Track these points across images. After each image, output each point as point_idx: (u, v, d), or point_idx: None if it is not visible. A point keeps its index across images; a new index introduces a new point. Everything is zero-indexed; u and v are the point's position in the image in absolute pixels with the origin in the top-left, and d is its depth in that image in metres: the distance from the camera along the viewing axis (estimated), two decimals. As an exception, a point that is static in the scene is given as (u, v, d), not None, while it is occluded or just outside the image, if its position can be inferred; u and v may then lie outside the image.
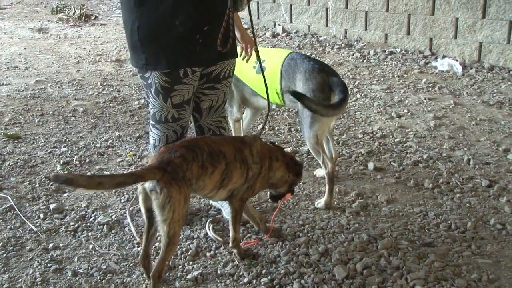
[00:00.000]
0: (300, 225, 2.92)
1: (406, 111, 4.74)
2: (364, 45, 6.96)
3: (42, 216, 3.06)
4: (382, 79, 5.72)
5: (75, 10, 9.58)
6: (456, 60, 6.08)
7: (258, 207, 3.11)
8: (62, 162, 3.78)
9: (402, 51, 6.59)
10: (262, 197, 3.19)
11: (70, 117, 4.75)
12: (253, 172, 2.46)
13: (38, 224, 2.99)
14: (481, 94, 5.19)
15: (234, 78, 3.02)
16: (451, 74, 5.81)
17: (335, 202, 3.16)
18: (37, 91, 5.46)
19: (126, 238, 2.85)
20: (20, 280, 2.50)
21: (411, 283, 2.40)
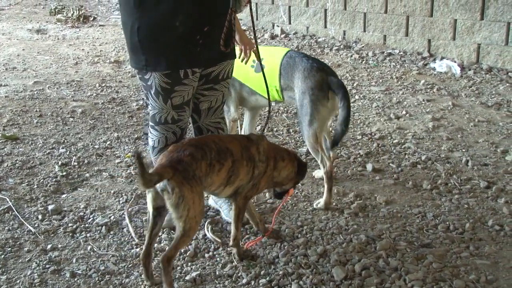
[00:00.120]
0: (298, 226, 2.92)
1: (404, 113, 4.74)
2: (362, 46, 6.96)
3: (40, 217, 3.05)
4: (381, 81, 5.73)
5: (74, 11, 9.58)
6: (454, 61, 6.09)
7: (257, 208, 3.11)
8: (60, 163, 3.78)
9: (401, 53, 6.60)
10: (261, 198, 3.19)
11: (69, 118, 4.74)
12: (259, 170, 2.49)
13: (36, 225, 2.98)
14: (479, 95, 5.20)
15: (231, 78, 3.02)
16: (450, 76, 5.82)
17: (334, 203, 3.16)
18: (35, 92, 5.46)
19: (125, 239, 2.84)
20: (18, 281, 2.49)
21: (409, 284, 2.40)
